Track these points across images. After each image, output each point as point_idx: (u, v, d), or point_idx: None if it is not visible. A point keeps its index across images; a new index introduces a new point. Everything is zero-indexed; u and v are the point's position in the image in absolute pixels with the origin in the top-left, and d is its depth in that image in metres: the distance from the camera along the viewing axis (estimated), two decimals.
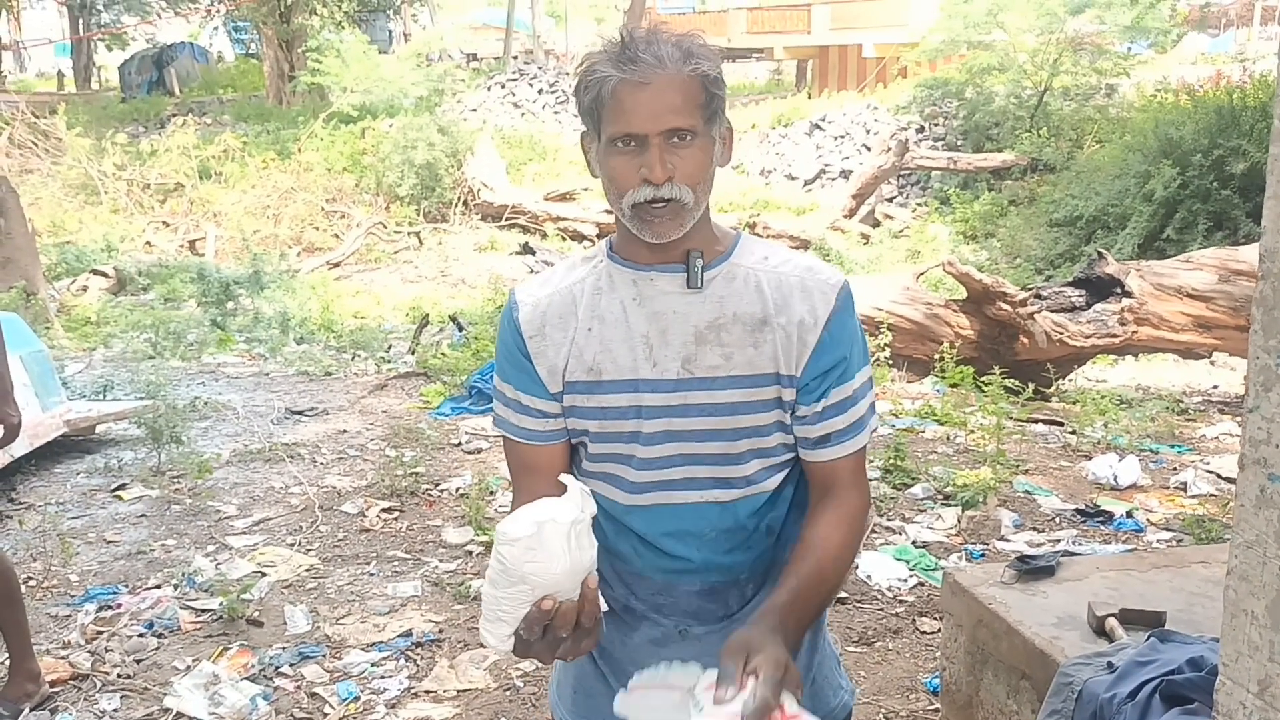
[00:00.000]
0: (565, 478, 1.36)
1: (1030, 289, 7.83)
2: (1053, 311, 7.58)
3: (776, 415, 1.56)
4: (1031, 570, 2.80)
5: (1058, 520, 4.91)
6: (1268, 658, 1.09)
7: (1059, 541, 4.59)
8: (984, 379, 6.37)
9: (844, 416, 1.55)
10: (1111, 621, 2.47)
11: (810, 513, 1.59)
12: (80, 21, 31.93)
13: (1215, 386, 8.43)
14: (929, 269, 8.31)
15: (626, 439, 1.57)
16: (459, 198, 17.05)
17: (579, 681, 1.73)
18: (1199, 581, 2.76)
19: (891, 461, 5.37)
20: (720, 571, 1.63)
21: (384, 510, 4.96)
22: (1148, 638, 2.34)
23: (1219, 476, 5.49)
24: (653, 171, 1.44)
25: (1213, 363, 9.02)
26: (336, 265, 14.85)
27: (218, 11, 28.72)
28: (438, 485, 5.28)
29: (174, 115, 21.14)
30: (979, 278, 7.42)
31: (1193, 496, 5.18)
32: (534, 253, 9.96)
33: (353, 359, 8.45)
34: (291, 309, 10.43)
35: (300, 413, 6.57)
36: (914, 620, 3.91)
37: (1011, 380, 6.27)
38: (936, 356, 7.03)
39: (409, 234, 16.39)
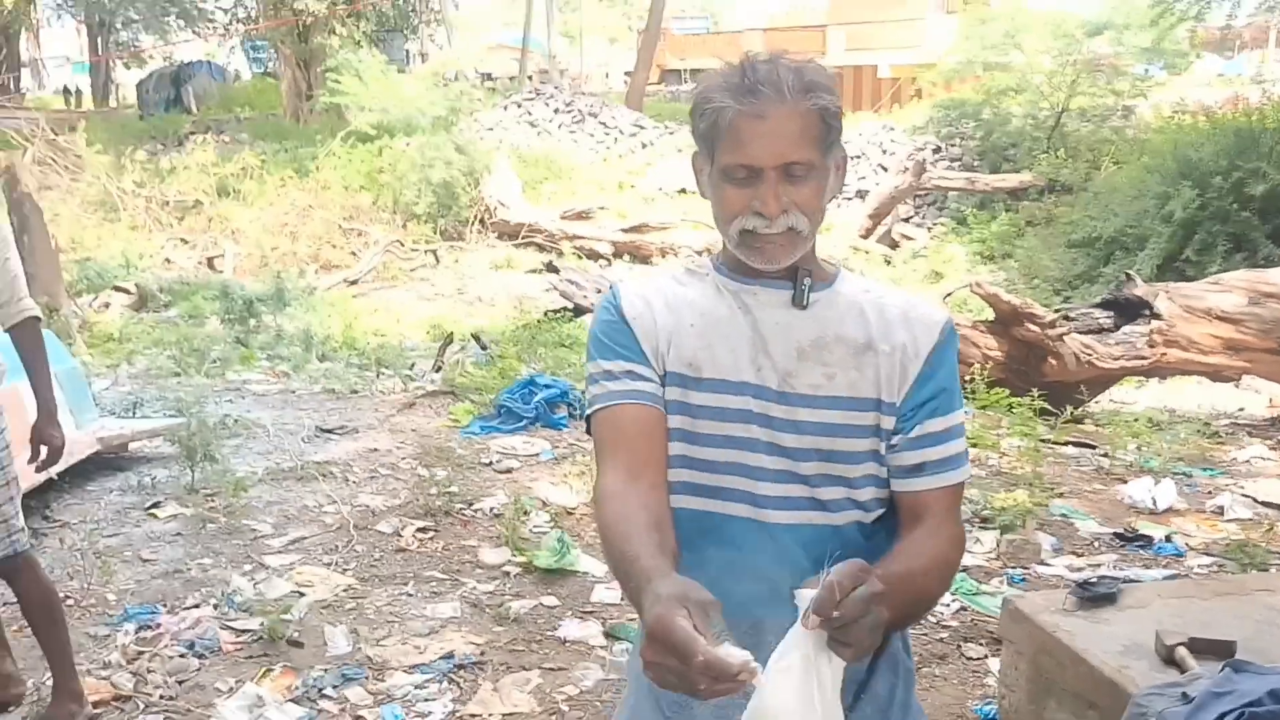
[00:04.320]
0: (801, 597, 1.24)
1: (1058, 310, 7.80)
2: (1080, 333, 7.55)
3: (872, 443, 1.53)
4: (1093, 597, 2.78)
5: (1096, 544, 4.88)
6: None
7: (1099, 566, 4.56)
8: (1015, 401, 6.35)
9: (940, 448, 1.53)
10: (1181, 650, 2.45)
11: (902, 535, 1.55)
12: (99, 40, 32.16)
13: (1241, 409, 8.39)
14: (956, 290, 8.28)
15: (731, 444, 1.53)
16: (475, 216, 17.12)
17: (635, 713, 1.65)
18: (1263, 609, 2.73)
19: None
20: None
21: (419, 530, 4.94)
22: (1222, 668, 2.31)
23: (1256, 501, 5.45)
24: (766, 205, 1.44)
25: (1238, 385, 8.97)
26: (354, 283, 14.90)
27: (236, 31, 28.89)
28: (471, 505, 5.26)
29: (192, 133, 21.25)
30: (1007, 298, 7.40)
31: (1230, 521, 5.14)
32: (558, 271, 9.97)
33: (377, 376, 8.45)
34: (314, 326, 10.44)
35: (330, 431, 6.56)
36: (959, 646, 3.87)
37: (1046, 403, 6.25)
38: (967, 379, 7.00)
39: (425, 252, 16.45)
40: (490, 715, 3.43)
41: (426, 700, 3.51)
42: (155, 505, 5.18)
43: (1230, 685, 2.23)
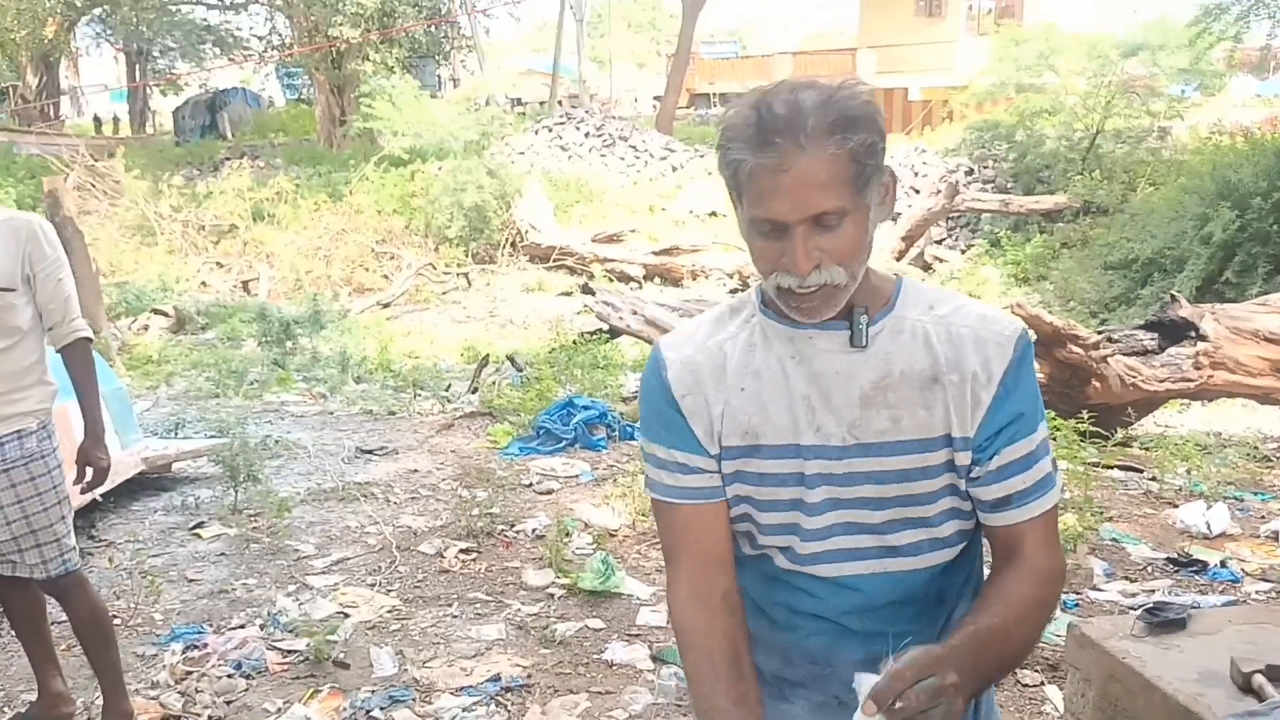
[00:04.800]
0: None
1: (1102, 332, 7.70)
2: (1124, 355, 7.44)
3: (948, 479, 1.46)
4: (1162, 623, 2.71)
5: (1149, 569, 4.78)
6: None
7: (1154, 592, 4.47)
8: (1061, 424, 6.25)
9: (1025, 475, 1.44)
10: (1259, 678, 2.37)
11: (993, 572, 1.49)
12: (136, 68, 32.65)
13: None
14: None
15: (787, 507, 1.48)
16: (507, 239, 17.20)
17: None
18: None
19: None
20: (885, 640, 1.48)
21: (461, 551, 4.92)
22: None
23: None
24: (796, 264, 1.33)
25: None
26: (387, 305, 14.99)
27: (271, 58, 29.26)
28: (513, 526, 5.24)
29: (227, 158, 21.52)
30: (1049, 320, 7.30)
31: None
32: (594, 293, 9.97)
33: (414, 398, 8.46)
34: (349, 348, 10.49)
35: (370, 452, 6.57)
36: (1014, 673, 3.80)
37: (1091, 425, 6.16)
38: None
39: (457, 275, 16.53)
40: None
41: None
42: (199, 525, 5.19)
43: None
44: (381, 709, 3.54)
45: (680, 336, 1.55)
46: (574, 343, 9.45)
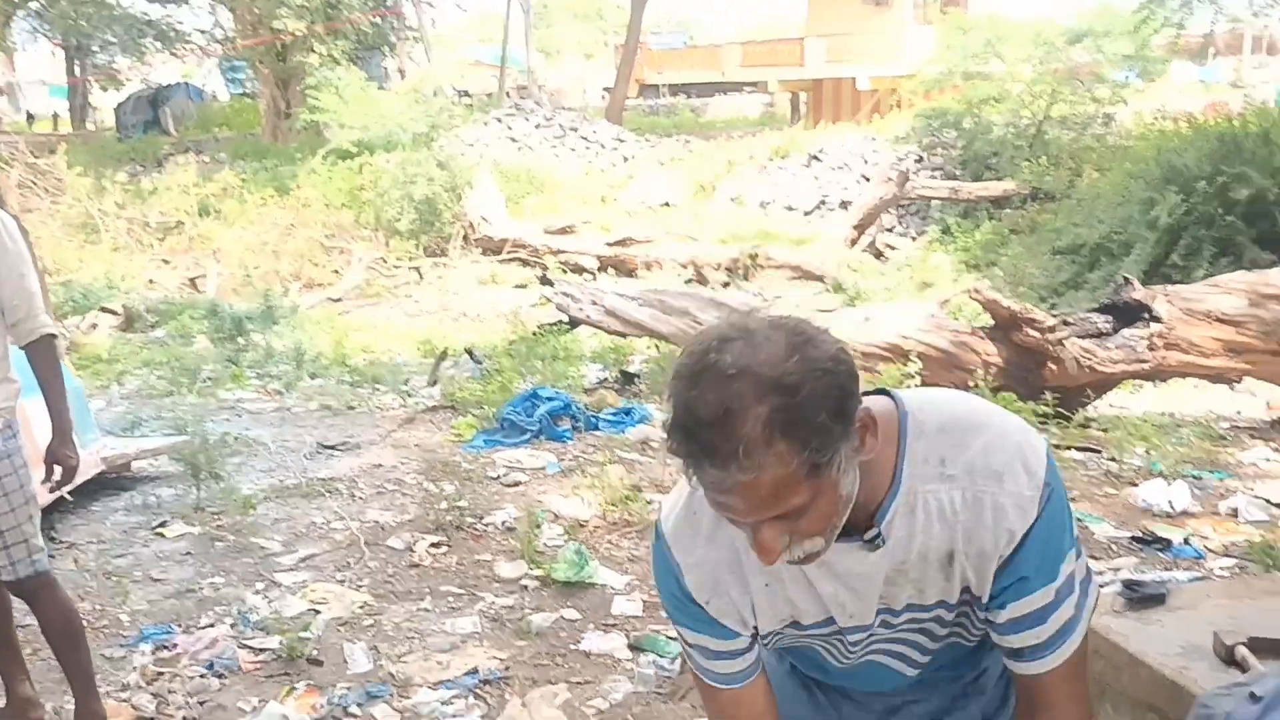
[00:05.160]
0: None
1: (1057, 315, 7.80)
2: (1079, 338, 7.55)
3: (964, 610, 1.45)
4: (1142, 598, 2.75)
5: (1114, 548, 4.86)
6: None
7: (1119, 570, 4.54)
8: (1021, 406, 6.33)
9: (1034, 631, 1.39)
10: (1242, 650, 2.41)
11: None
12: (75, 63, 31.94)
13: (1239, 412, 8.41)
14: (953, 296, 8.28)
15: (823, 646, 1.51)
16: (458, 232, 17.04)
17: None
18: None
19: None
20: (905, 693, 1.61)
21: (431, 545, 4.88)
22: None
23: (1269, 503, 5.45)
24: (764, 555, 1.24)
25: (1233, 388, 9.01)
26: (338, 300, 14.80)
27: (213, 52, 28.78)
28: (482, 519, 5.20)
29: (170, 154, 21.14)
30: (1006, 304, 7.40)
31: (1247, 523, 5.14)
32: (552, 284, 9.92)
33: (373, 393, 8.37)
34: (303, 344, 10.34)
35: (332, 447, 6.49)
36: None
37: (1052, 407, 6.24)
38: (971, 384, 6.99)
39: (409, 268, 16.37)
40: None
41: (454, 717, 3.45)
42: (162, 524, 5.10)
43: None
44: (359, 705, 3.50)
45: (683, 530, 1.41)
46: (533, 334, 9.40)
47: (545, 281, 10.88)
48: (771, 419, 1.12)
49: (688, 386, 1.16)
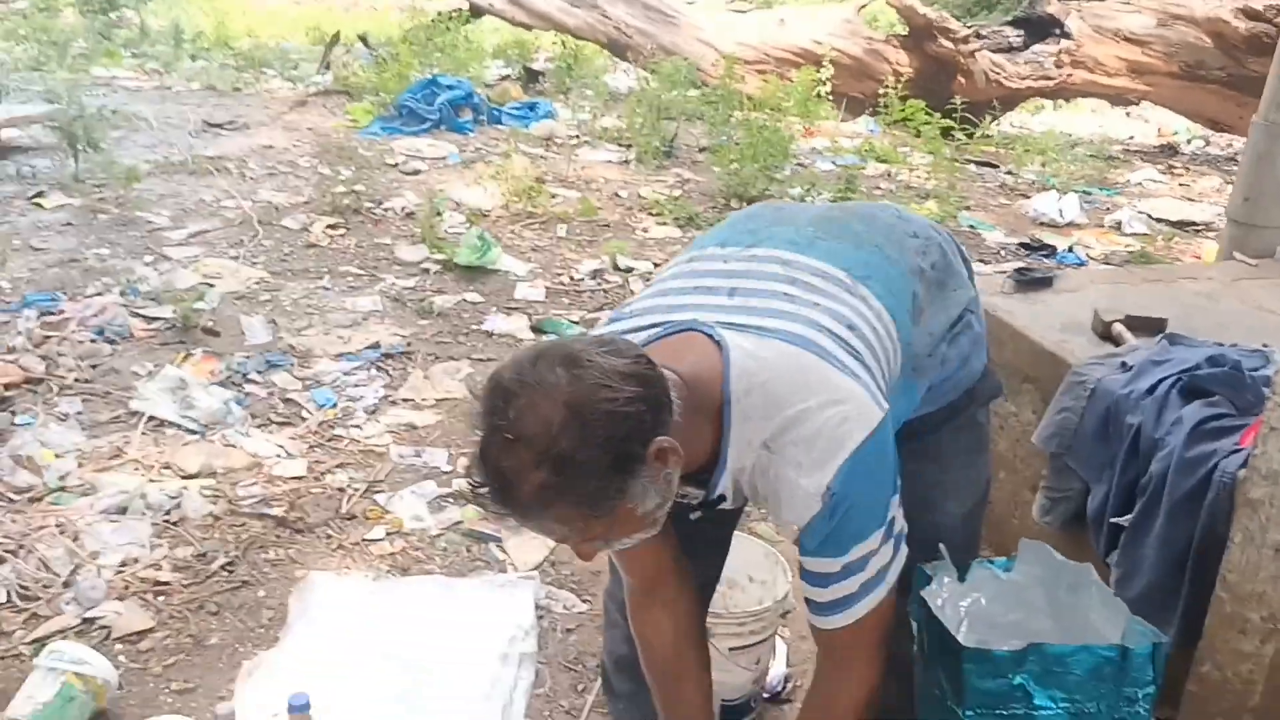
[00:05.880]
0: None
1: (970, 27, 7.70)
2: (991, 51, 7.50)
3: None
4: (1030, 281, 2.85)
5: (1003, 253, 5.02)
6: None
7: (1004, 273, 4.70)
8: (924, 118, 6.34)
9: (820, 590, 1.38)
10: (1118, 326, 2.54)
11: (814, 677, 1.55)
12: None
13: (1132, 137, 8.59)
14: (869, 2, 8.07)
15: None
16: None
17: None
18: (1191, 294, 2.85)
19: (842, 193, 5.35)
20: None
21: (329, 227, 4.77)
22: (1159, 340, 2.42)
23: (1150, 217, 5.66)
24: (581, 559, 1.32)
25: (1129, 114, 9.17)
26: None
27: None
28: (381, 204, 5.08)
29: None
30: (923, 12, 7.26)
31: (1128, 235, 5.34)
32: None
33: (259, 77, 7.93)
34: (182, 23, 9.65)
35: (218, 126, 6.19)
36: None
37: (952, 119, 6.26)
38: (880, 93, 6.94)
39: None
40: (424, 400, 3.42)
41: (357, 386, 3.48)
42: (39, 195, 4.86)
43: (1167, 354, 2.33)
44: (259, 372, 3.50)
45: None
46: (432, 22, 8.91)
47: None
48: (545, 488, 1.13)
49: (481, 435, 1.18)
